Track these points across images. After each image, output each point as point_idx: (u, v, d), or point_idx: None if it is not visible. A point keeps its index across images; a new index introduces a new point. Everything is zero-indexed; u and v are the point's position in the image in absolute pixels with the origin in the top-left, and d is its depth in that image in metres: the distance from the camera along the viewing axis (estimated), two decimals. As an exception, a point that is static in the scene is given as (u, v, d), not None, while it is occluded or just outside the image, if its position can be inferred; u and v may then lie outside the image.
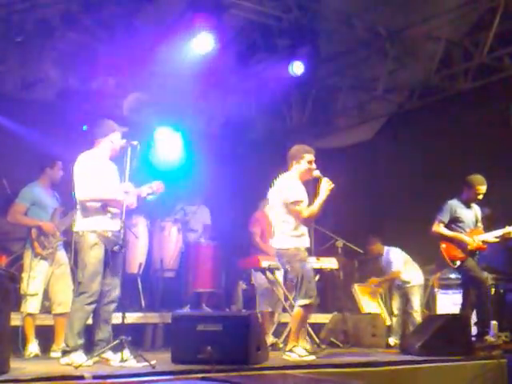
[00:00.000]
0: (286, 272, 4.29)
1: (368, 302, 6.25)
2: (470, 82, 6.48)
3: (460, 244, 4.88)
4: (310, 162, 4.15)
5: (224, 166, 6.89)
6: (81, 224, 3.77)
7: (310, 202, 4.13)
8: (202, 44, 5.71)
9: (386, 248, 6.03)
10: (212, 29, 5.56)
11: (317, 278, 4.62)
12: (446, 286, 6.31)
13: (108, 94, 6.20)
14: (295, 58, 6.20)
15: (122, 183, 3.78)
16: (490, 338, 4.72)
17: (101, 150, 3.89)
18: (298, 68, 6.30)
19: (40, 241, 4.30)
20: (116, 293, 3.81)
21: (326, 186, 4.03)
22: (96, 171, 3.78)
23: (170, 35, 5.62)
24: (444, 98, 6.71)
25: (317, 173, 4.12)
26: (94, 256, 3.68)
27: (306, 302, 4.00)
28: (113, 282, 3.79)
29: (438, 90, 6.72)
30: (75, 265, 3.86)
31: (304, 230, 4.11)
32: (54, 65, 5.70)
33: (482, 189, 4.88)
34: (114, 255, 3.78)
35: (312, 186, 4.23)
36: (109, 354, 3.68)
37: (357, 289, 6.23)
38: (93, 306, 3.68)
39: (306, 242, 4.10)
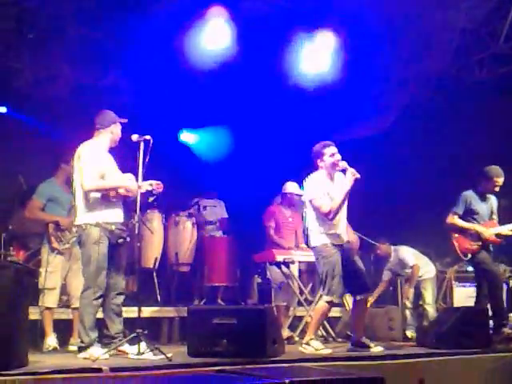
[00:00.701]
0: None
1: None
2: (485, 71, 6.36)
3: (473, 235, 4.80)
4: (332, 156, 4.15)
5: (239, 160, 6.88)
6: (83, 217, 3.76)
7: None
8: (218, 37, 5.66)
9: (393, 247, 5.97)
10: (228, 21, 5.52)
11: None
12: (463, 279, 6.25)
13: (121, 89, 6.21)
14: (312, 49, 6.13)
15: (126, 174, 3.80)
16: (507, 330, 4.66)
17: (100, 140, 3.89)
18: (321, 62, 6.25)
19: (56, 235, 4.36)
20: (122, 284, 3.84)
21: (350, 176, 4.02)
22: (98, 161, 3.78)
23: (185, 30, 5.60)
24: (459, 88, 6.61)
25: (343, 163, 4.12)
26: (98, 251, 3.68)
27: (329, 298, 4.04)
28: (118, 274, 3.81)
29: (453, 80, 6.61)
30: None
31: (334, 226, 4.10)
32: (66, 61, 5.72)
33: (500, 180, 4.81)
34: (117, 247, 3.81)
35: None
36: (126, 347, 3.71)
37: None
38: (100, 301, 3.71)
39: (334, 238, 4.10)
